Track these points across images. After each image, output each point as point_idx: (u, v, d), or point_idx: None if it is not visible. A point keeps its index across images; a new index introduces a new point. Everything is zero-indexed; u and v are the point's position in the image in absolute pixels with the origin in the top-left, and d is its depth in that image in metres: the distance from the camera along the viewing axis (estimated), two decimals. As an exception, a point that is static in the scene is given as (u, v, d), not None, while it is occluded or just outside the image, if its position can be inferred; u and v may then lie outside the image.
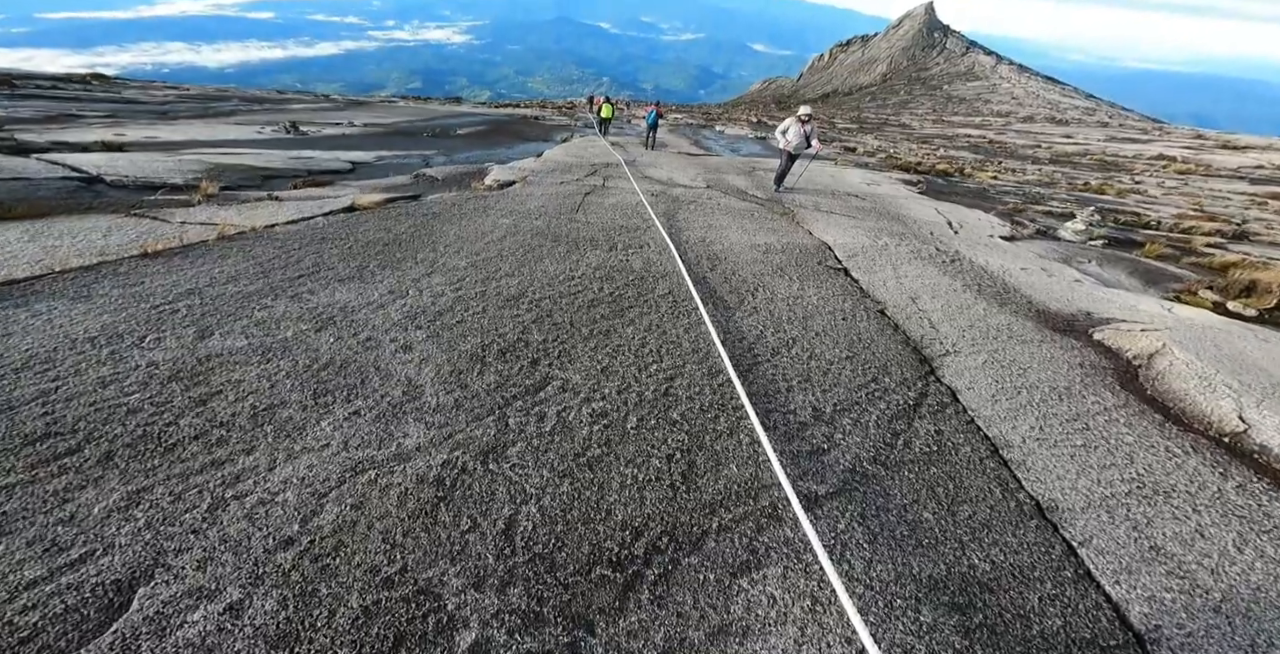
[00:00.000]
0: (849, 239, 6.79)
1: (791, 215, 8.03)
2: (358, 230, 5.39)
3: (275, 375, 3.15)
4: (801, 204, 8.98)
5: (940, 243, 7.36)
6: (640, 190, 8.49)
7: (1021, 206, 12.80)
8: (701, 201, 8.24)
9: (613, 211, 7.01)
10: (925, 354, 4.11)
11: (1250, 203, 19.08)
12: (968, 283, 5.62)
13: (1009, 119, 60.72)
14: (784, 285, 4.99)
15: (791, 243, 6.23)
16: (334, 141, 12.90)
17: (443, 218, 6.07)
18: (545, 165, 10.49)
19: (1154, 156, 36.13)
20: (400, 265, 4.67)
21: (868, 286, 5.21)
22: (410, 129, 17.09)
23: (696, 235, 6.19)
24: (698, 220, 6.96)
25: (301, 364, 3.26)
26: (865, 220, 8.33)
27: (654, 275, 4.89)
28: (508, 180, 8.63)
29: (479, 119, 21.51)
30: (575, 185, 8.65)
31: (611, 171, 10.32)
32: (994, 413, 3.50)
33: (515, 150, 14.52)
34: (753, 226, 6.95)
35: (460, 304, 4.09)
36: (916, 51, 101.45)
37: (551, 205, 7.08)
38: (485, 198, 7.22)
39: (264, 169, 8.81)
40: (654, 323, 4.08)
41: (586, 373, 3.44)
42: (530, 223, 6.13)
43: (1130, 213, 14.82)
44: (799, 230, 7.07)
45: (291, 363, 3.26)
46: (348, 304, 3.94)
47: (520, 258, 5.05)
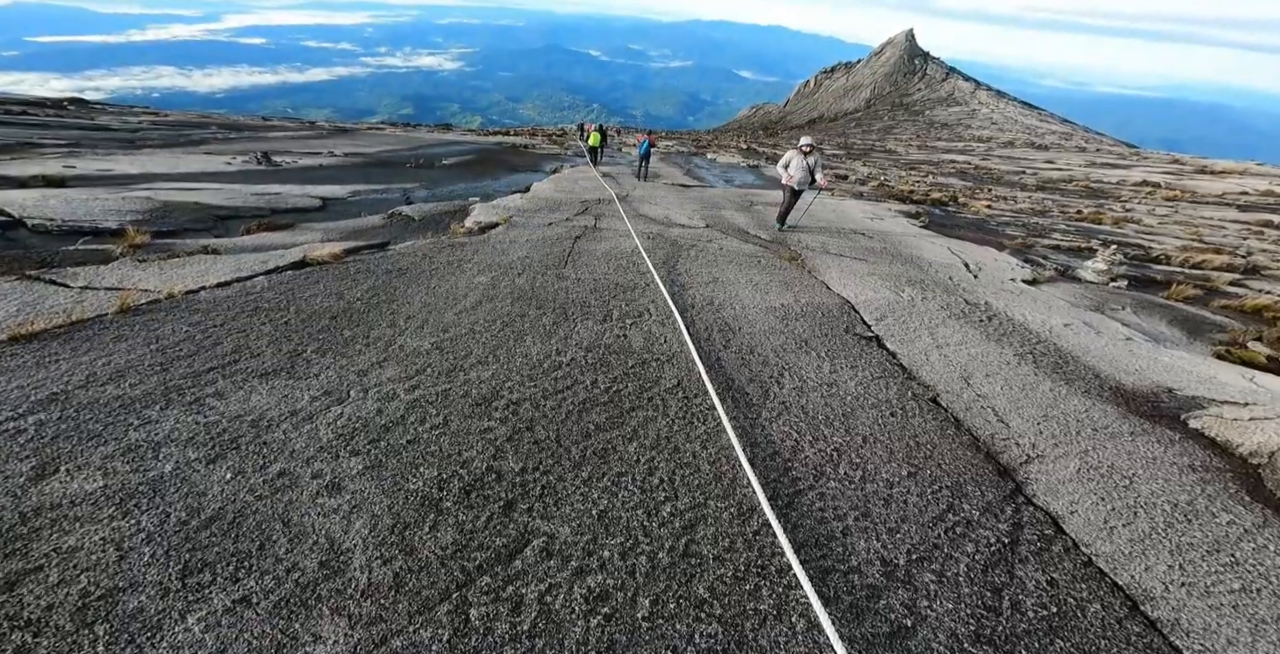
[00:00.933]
0: (871, 293, 6.03)
1: (801, 261, 7.29)
2: (303, 296, 4.51)
3: (131, 539, 2.25)
4: (809, 246, 8.27)
5: (966, 292, 6.64)
6: (635, 232, 7.73)
7: (1028, 241, 12.27)
8: (702, 246, 7.49)
9: (606, 263, 6.21)
10: (1003, 462, 3.29)
11: (1247, 232, 18.88)
12: (1018, 351, 4.84)
13: (990, 144, 61.81)
14: (812, 366, 4.16)
15: (811, 303, 5.44)
16: (308, 174, 12.10)
17: (410, 276, 5.20)
18: (532, 203, 9.73)
19: (1138, 182, 36.50)
20: (346, 349, 3.78)
21: (909, 363, 4.40)
22: (394, 159, 16.37)
23: (702, 295, 5.38)
24: (701, 272, 6.17)
25: (175, 519, 2.36)
26: (879, 264, 7.63)
27: (658, 357, 4.04)
28: (490, 222, 7.83)
29: (467, 148, 20.91)
30: (564, 227, 7.87)
31: (604, 209, 9.58)
32: (1115, 548, 2.70)
33: (502, 182, 13.81)
34: (763, 279, 6.17)
35: (415, 412, 3.20)
36: (899, 77, 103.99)
37: (537, 255, 6.25)
38: (462, 246, 6.38)
39: (220, 208, 7.95)
40: (663, 434, 3.22)
41: (579, 523, 2.56)
42: (511, 281, 5.28)
43: (1134, 245, 14.39)
44: (814, 282, 6.30)
45: (160, 517, 2.36)
46: (264, 415, 3.04)
47: (496, 334, 4.19)
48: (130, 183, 9.41)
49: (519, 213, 8.66)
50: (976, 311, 5.82)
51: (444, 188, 12.33)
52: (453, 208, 9.26)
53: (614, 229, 8.00)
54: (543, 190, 11.61)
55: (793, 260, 7.27)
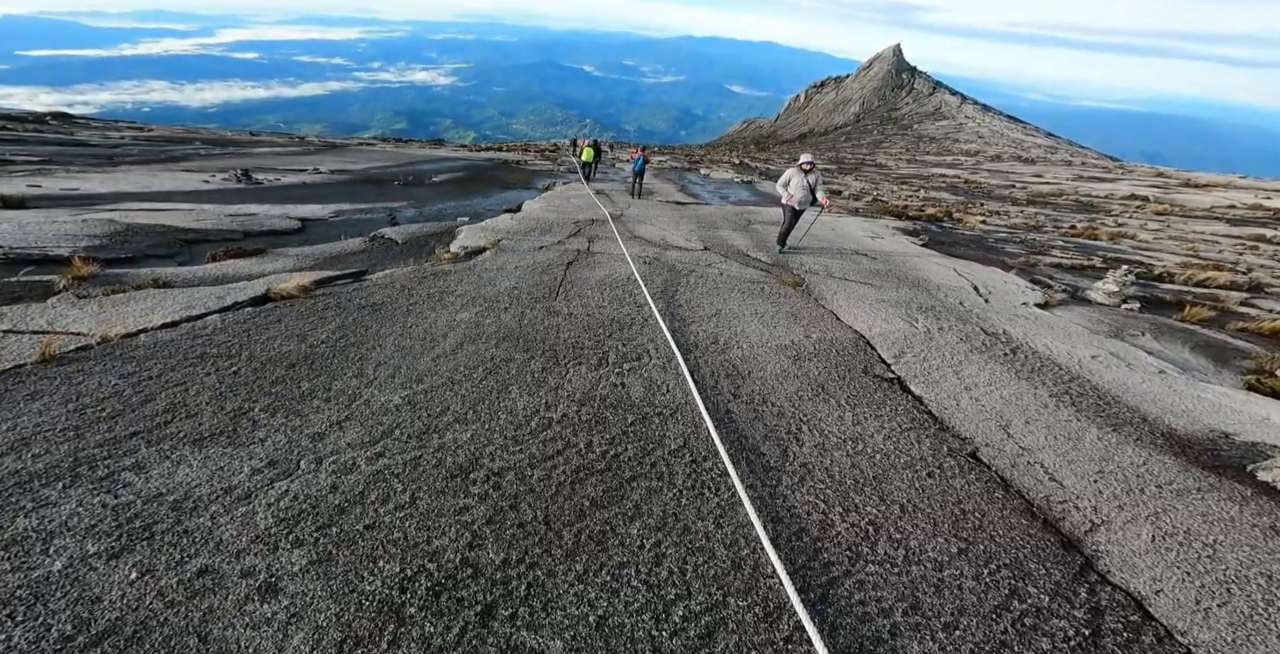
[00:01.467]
0: (884, 324, 5.62)
1: (806, 287, 6.90)
2: (259, 339, 4.02)
3: (-11, 686, 1.75)
4: (812, 269, 7.90)
5: (981, 320, 6.27)
6: (631, 257, 7.32)
7: (1030, 260, 12.01)
8: (701, 271, 7.08)
9: (600, 292, 5.77)
10: (1065, 531, 2.87)
11: (1243, 247, 18.82)
12: (1053, 391, 4.44)
13: (978, 158, 62.51)
14: (833, 417, 3.72)
15: (823, 338, 5.02)
16: (289, 193, 11.64)
17: (385, 312, 4.73)
18: (522, 224, 9.31)
19: (1126, 196, 36.79)
20: (302, 406, 3.29)
21: (938, 409, 3.97)
22: (382, 176, 15.95)
23: (706, 331, 4.94)
24: (703, 303, 5.74)
25: (57, 634, 1.88)
26: (887, 289, 7.25)
27: (660, 411, 3.58)
28: (477, 246, 7.38)
29: (458, 164, 20.56)
30: (556, 251, 7.44)
31: (597, 230, 9.18)
32: (1215, 635, 2.31)
33: (493, 200, 13.41)
34: (768, 310, 5.75)
35: (378, 487, 2.72)
36: (887, 92, 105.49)
37: (526, 285, 5.81)
38: (446, 275, 5.92)
39: (188, 231, 7.47)
40: (670, 509, 2.75)
41: (573, 634, 2.09)
42: (497, 318, 4.82)
43: (1135, 262, 14.20)
44: (822, 313, 5.89)
45: (38, 632, 1.87)
46: (191, 493, 2.55)
47: (478, 385, 3.71)
48: (96, 203, 8.91)
49: (508, 235, 8.23)
50: (998, 344, 5.43)
51: (432, 207, 11.90)
52: (440, 229, 8.82)
53: (608, 253, 7.59)
54: (534, 210, 11.21)
55: (797, 286, 6.87)
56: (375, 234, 8.13)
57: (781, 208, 8.58)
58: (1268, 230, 21.80)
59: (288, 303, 4.66)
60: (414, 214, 10.96)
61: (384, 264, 6.55)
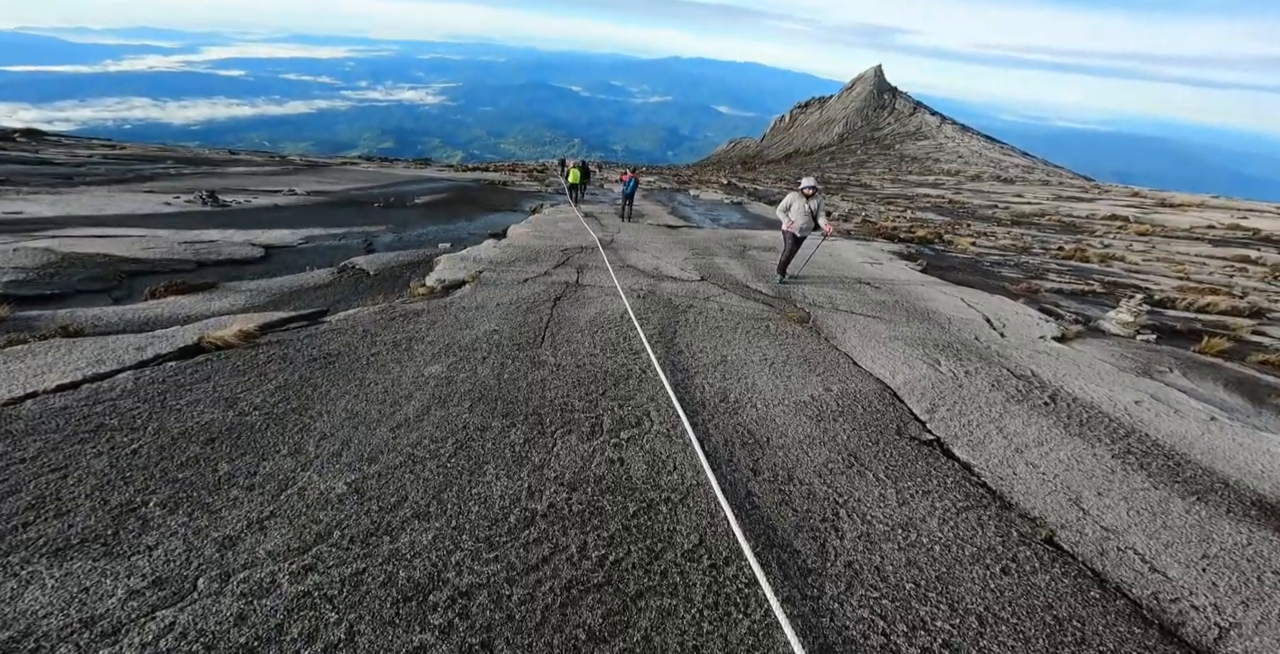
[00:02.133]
0: (906, 369, 5.09)
1: (814, 324, 6.37)
2: (177, 404, 3.35)
3: None
4: (816, 302, 7.40)
5: (1004, 358, 5.79)
6: (623, 290, 6.76)
7: (1031, 286, 11.69)
8: (700, 307, 6.53)
9: (591, 336, 5.17)
10: (1190, 641, 2.35)
11: (1231, 269, 18.87)
12: (1114, 449, 3.91)
13: (959, 178, 63.63)
14: (874, 495, 3.14)
15: (844, 391, 4.45)
16: (258, 216, 10.97)
17: (340, 366, 4.07)
18: (507, 252, 8.73)
19: (1107, 217, 37.37)
20: (213, 499, 2.63)
21: (993, 480, 3.41)
22: (362, 197, 15.33)
23: (712, 385, 4.35)
24: (706, 348, 5.16)
25: None
26: (898, 323, 6.77)
27: (668, 496, 2.97)
28: (456, 279, 6.77)
29: (442, 185, 20.03)
30: (542, 285, 6.85)
31: (587, 259, 8.63)
32: None
33: (477, 224, 12.84)
34: (778, 354, 5.19)
35: (302, 618, 2.05)
36: (869, 112, 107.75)
37: (508, 327, 5.19)
38: (417, 316, 5.29)
39: (133, 262, 6.77)
40: (689, 641, 2.13)
41: None
42: (472, 372, 4.18)
43: (1131, 286, 14.03)
44: (837, 357, 5.35)
45: None
46: (32, 627, 1.87)
47: (445, 464, 3.07)
48: (38, 229, 8.16)
49: (491, 266, 7.63)
50: (1033, 390, 4.92)
51: (413, 231, 11.30)
52: (417, 258, 8.20)
53: (599, 286, 7.02)
54: (520, 235, 10.65)
55: (803, 323, 6.35)
56: (345, 264, 7.49)
57: (781, 234, 8.12)
58: (1251, 251, 22.02)
59: (223, 354, 3.99)
60: (392, 240, 10.33)
61: (350, 301, 5.90)
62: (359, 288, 6.50)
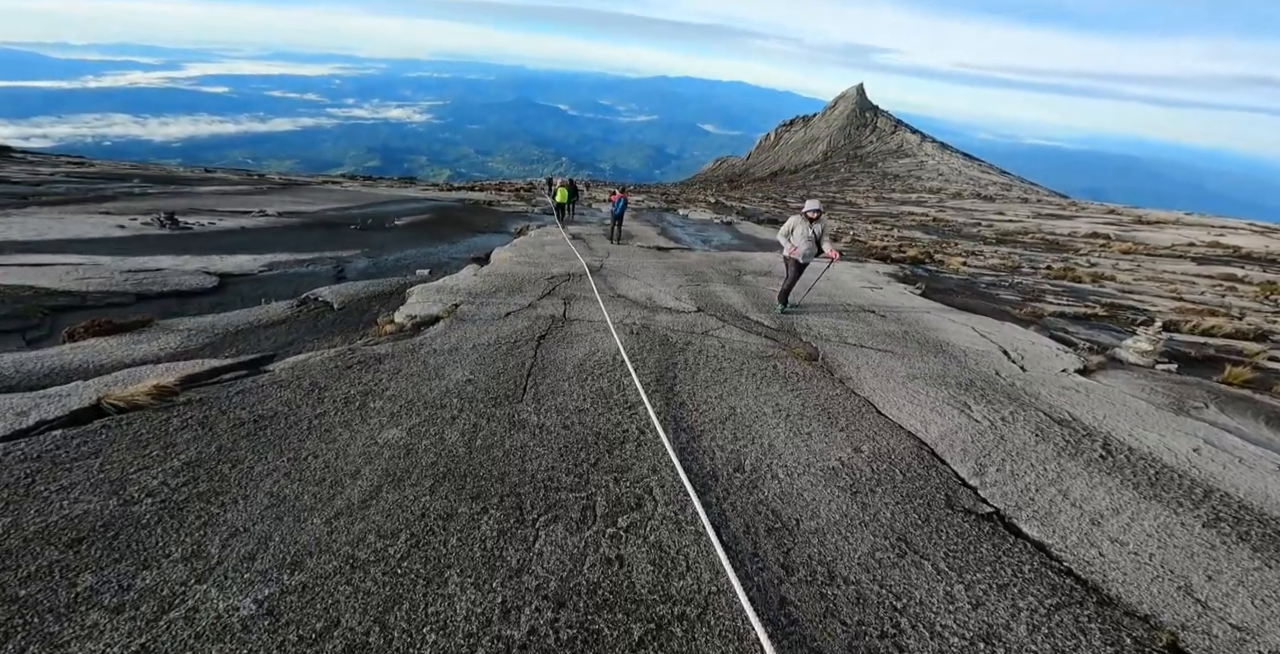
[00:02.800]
0: (936, 418, 4.53)
1: (824, 361, 5.82)
2: (47, 490, 2.64)
3: None
4: (822, 334, 6.86)
5: (1033, 397, 5.30)
6: (614, 325, 6.16)
7: (1035, 309, 11.35)
8: (699, 344, 5.95)
9: (580, 384, 4.55)
10: None
11: (1222, 288, 18.86)
12: (1202, 516, 3.36)
13: (941, 195, 64.57)
14: (939, 598, 2.51)
15: (875, 451, 3.86)
16: (219, 240, 10.23)
17: (272, 433, 3.38)
18: (488, 281, 8.10)
19: (1089, 234, 37.87)
20: (62, 627, 1.92)
21: (1080, 565, 2.81)
22: (338, 219, 14.64)
23: (724, 448, 3.73)
24: (710, 396, 4.56)
25: None
26: (913, 359, 6.25)
27: (682, 612, 2.32)
28: (428, 315, 6.11)
29: (425, 205, 19.41)
30: (525, 320, 6.22)
31: (574, 288, 8.04)
32: None
33: (459, 247, 12.21)
34: (793, 403, 4.60)
35: None
36: (852, 130, 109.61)
37: (484, 376, 4.54)
38: (379, 363, 4.61)
39: (62, 295, 6.02)
40: None
41: None
42: (438, 437, 3.52)
43: (1128, 307, 13.79)
44: (858, 404, 4.78)
45: None
46: None
47: (395, 569, 2.40)
48: (-35, 258, 7.37)
49: (469, 297, 6.98)
50: (1081, 439, 4.38)
51: (389, 255, 10.63)
52: (389, 287, 7.54)
53: (588, 320, 6.41)
54: (503, 261, 10.04)
55: (813, 361, 5.79)
56: (308, 295, 6.80)
57: (784, 261, 7.61)
58: (1236, 270, 22.15)
59: (126, 419, 3.28)
60: (366, 266, 9.66)
61: (304, 342, 5.21)
62: (319, 325, 5.81)
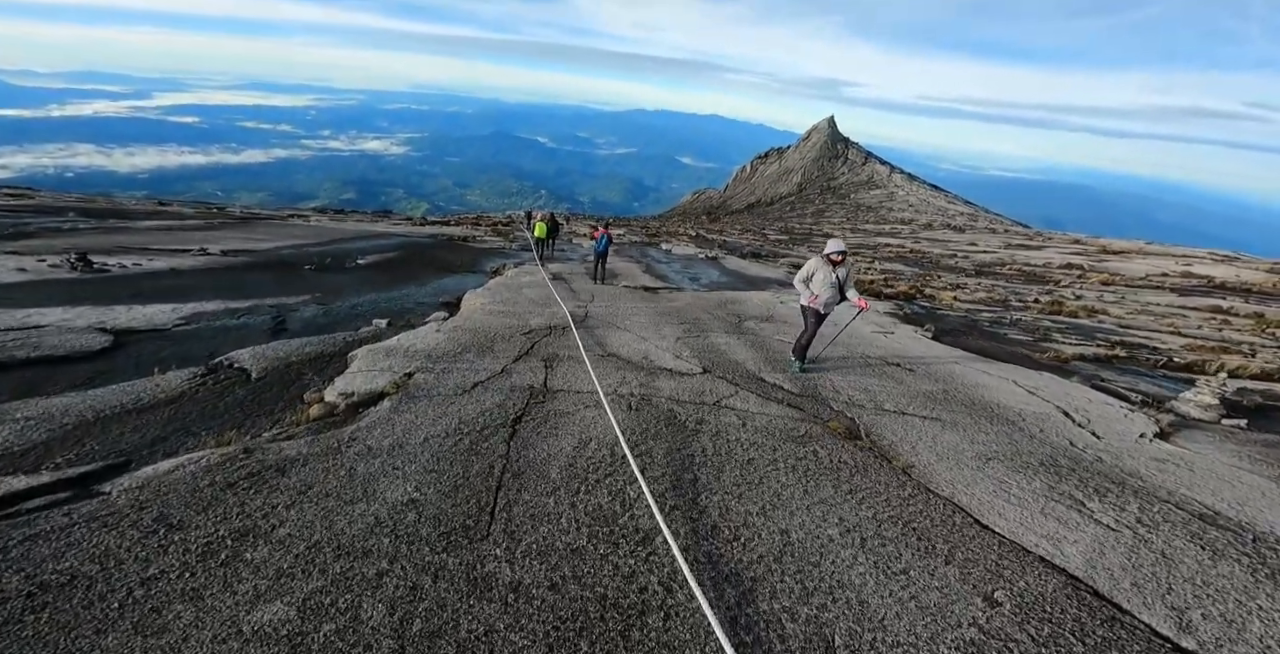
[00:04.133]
0: (1059, 529, 3.40)
1: (871, 441, 4.71)
2: None
3: None
4: (855, 400, 5.78)
5: (1144, 482, 4.26)
6: (607, 396, 4.97)
7: (1058, 355, 10.50)
8: (715, 421, 4.79)
9: (570, 501, 3.31)
10: None
11: (1218, 322, 18.63)
12: None
13: (913, 226, 65.90)
14: None
15: (1021, 604, 2.68)
16: (139, 285, 8.79)
17: (51, 618, 2.06)
18: (454, 337, 6.84)
19: (1063, 265, 38.46)
20: None
21: None
22: (293, 258, 13.27)
23: (794, 610, 2.48)
24: (751, 511, 3.37)
25: None
26: (969, 429, 5.21)
27: None
28: (370, 390, 4.82)
29: (394, 242, 18.15)
30: (496, 396, 4.97)
31: (557, 345, 6.85)
32: None
33: (427, 290, 10.96)
34: (861, 516, 3.44)
35: None
36: (824, 162, 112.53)
37: (434, 492, 3.26)
38: (280, 476, 3.30)
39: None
40: None
41: None
42: (350, 617, 2.21)
43: (1137, 345, 13.17)
44: (948, 512, 3.64)
45: None
46: None
47: None
48: None
49: (428, 362, 5.71)
50: (1248, 545, 3.29)
51: (344, 302, 9.31)
52: (331, 347, 6.23)
53: (575, 391, 5.20)
54: (474, 309, 8.80)
55: (856, 439, 4.68)
56: (223, 360, 5.45)
57: (800, 310, 6.57)
58: (1218, 301, 22.19)
59: None
60: (314, 315, 8.33)
61: (185, 437, 3.87)
62: (220, 407, 4.47)
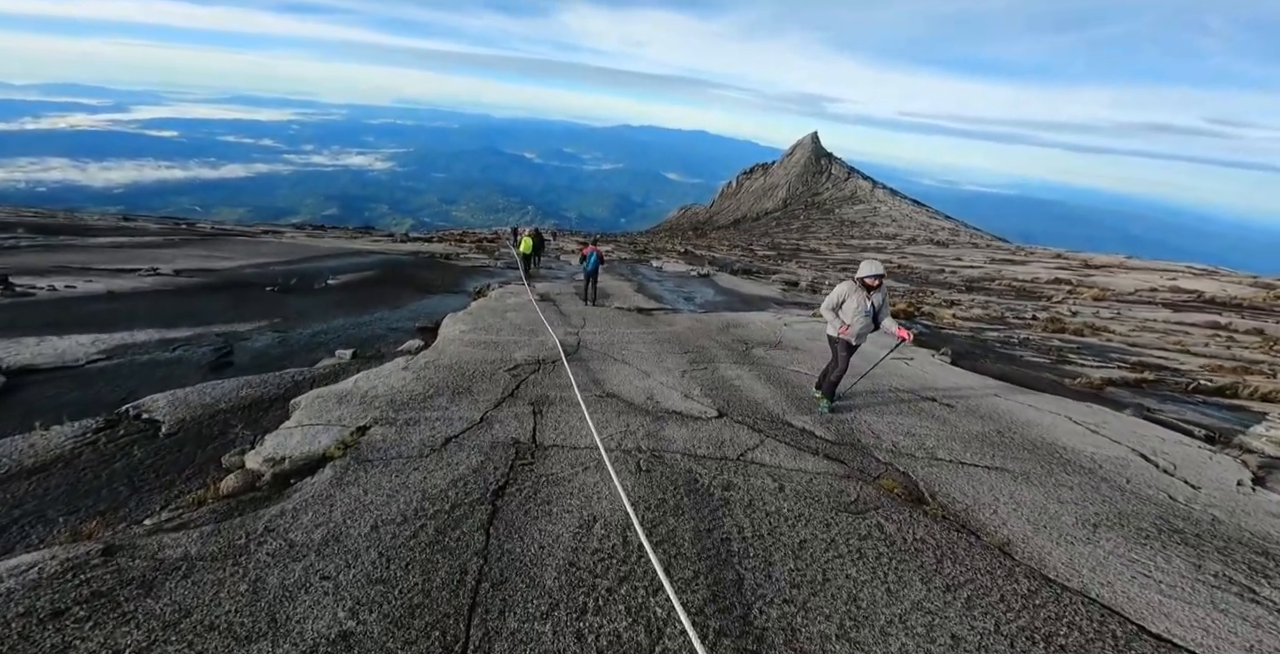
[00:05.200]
0: (1235, 627, 2.57)
1: (943, 507, 3.85)
2: None
3: None
4: (900, 447, 4.93)
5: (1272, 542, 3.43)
6: (610, 454, 4.06)
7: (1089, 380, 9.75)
8: (746, 486, 3.90)
9: (573, 627, 2.39)
10: None
11: (1225, 339, 18.25)
12: None
13: (897, 241, 66.28)
14: None
15: None
16: (60, 312, 7.70)
17: None
18: (425, 376, 5.88)
19: (1051, 280, 38.53)
20: None
21: None
22: (256, 278, 12.19)
23: None
24: (827, 634, 2.49)
25: None
26: (1045, 482, 4.40)
27: None
28: (307, 455, 3.84)
29: (372, 260, 17.11)
30: (472, 457, 4.03)
31: (547, 383, 5.92)
32: None
33: (402, 314, 9.97)
34: (984, 628, 2.58)
35: None
36: (809, 177, 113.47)
37: (378, 621, 2.29)
38: (144, 594, 2.32)
39: None
40: None
41: None
42: None
43: (1157, 366, 12.56)
44: (1087, 610, 2.79)
45: None
46: None
47: None
48: None
49: (389, 410, 4.74)
50: None
51: (306, 328, 8.31)
52: (275, 389, 5.24)
53: (571, 446, 4.29)
54: (452, 338, 7.84)
55: (923, 504, 3.82)
56: (130, 408, 4.44)
57: (829, 342, 5.73)
58: (1213, 316, 22.00)
59: None
60: (267, 345, 7.33)
61: (36, 525, 2.89)
62: (106, 475, 3.47)
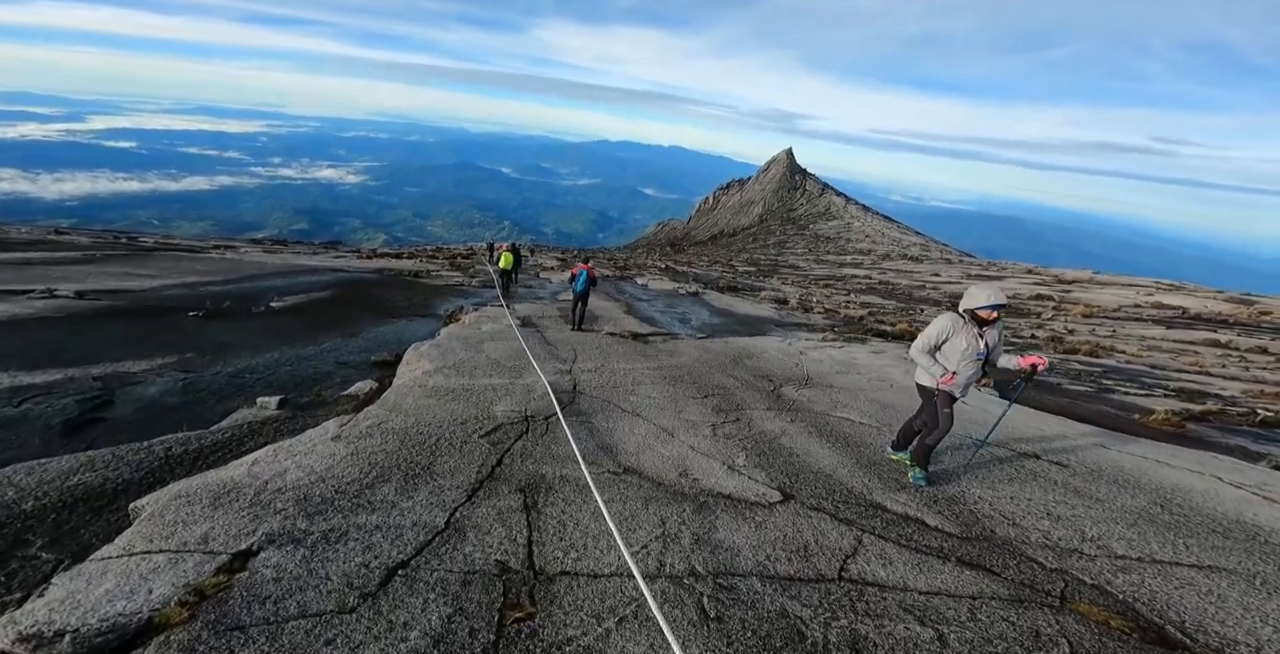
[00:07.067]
0: None
1: (1188, 636, 2.44)
2: None
3: None
4: (1062, 542, 3.54)
5: None
6: (655, 592, 2.57)
7: (1170, 417, 8.58)
8: (881, 639, 2.44)
9: None
10: None
11: (1239, 359, 17.59)
12: None
13: (873, 256, 66.56)
14: None
15: None
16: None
17: None
18: (363, 447, 4.25)
19: (1033, 296, 38.49)
20: None
21: None
22: (174, 302, 10.08)
23: None
24: None
25: None
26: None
27: None
28: (127, 616, 2.23)
29: (329, 278, 15.25)
30: (431, 611, 2.47)
31: (540, 454, 4.37)
32: None
33: (355, 345, 8.26)
34: None
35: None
36: (784, 193, 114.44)
37: None
38: None
39: None
40: None
41: None
42: None
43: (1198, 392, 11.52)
44: None
45: None
46: None
47: None
48: None
49: (298, 513, 3.12)
50: None
51: (225, 366, 6.56)
52: (126, 472, 3.57)
53: (584, 572, 2.72)
54: (412, 382, 6.19)
55: (1167, 647, 2.41)
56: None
57: (921, 392, 4.30)
58: (1208, 333, 21.68)
59: None
60: (164, 391, 5.59)
61: None
62: None
